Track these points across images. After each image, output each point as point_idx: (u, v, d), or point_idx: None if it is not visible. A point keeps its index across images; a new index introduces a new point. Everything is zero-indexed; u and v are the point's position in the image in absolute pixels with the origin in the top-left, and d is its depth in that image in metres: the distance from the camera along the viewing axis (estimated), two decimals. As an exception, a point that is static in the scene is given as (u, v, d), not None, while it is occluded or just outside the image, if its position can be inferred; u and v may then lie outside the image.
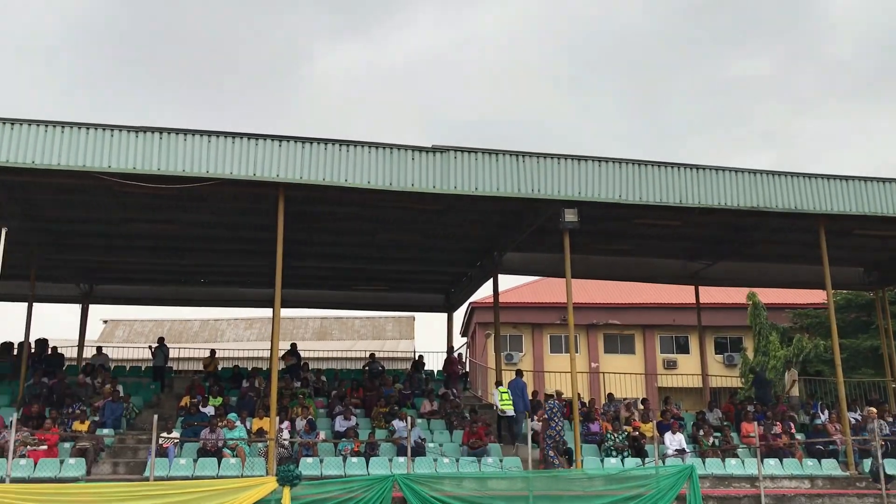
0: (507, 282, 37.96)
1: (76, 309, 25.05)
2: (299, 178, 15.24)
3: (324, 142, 15.44)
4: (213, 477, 14.60)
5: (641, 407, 20.26)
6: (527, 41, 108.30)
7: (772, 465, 16.72)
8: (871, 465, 16.75)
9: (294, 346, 23.41)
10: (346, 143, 15.51)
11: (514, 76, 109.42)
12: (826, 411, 20.27)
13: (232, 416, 16.84)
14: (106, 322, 43.82)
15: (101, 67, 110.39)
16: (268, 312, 25.18)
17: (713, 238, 20.68)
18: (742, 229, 19.73)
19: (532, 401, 19.17)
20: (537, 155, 16.26)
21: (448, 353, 23.76)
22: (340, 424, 17.28)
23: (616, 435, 17.47)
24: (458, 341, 30.21)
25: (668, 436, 17.48)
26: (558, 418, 16.79)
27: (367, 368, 22.73)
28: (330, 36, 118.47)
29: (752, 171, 17.17)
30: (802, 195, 17.22)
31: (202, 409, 17.61)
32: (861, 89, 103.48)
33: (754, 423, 17.91)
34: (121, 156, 14.67)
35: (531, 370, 27.34)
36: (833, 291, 19.25)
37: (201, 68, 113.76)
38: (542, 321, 36.71)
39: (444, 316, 26.88)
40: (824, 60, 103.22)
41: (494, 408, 19.17)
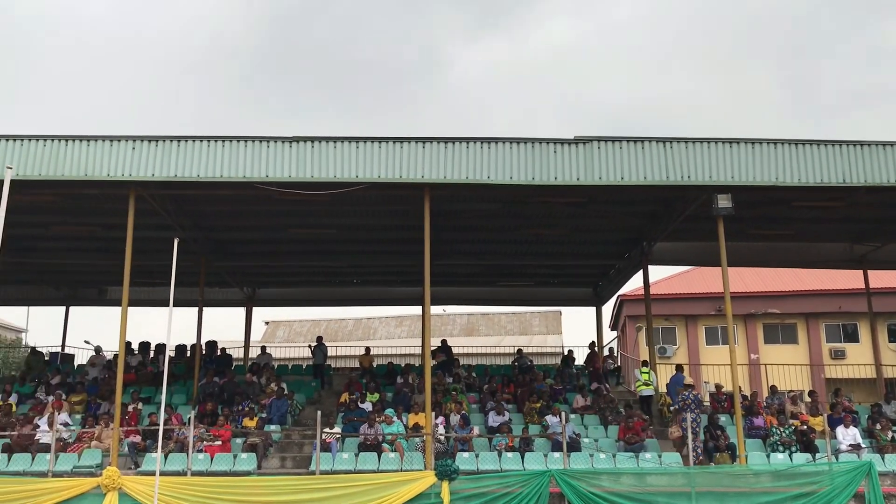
0: (657, 273, 36.98)
1: (240, 312, 26.73)
2: (443, 178, 15.52)
3: (465, 141, 15.63)
4: (374, 471, 15.08)
5: (809, 399, 19.15)
6: (667, 24, 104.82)
7: (960, 462, 15.42)
8: None
9: (444, 342, 23.83)
10: (487, 140, 15.63)
11: (656, 61, 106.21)
12: None
13: (389, 411, 17.37)
14: (268, 323, 46.40)
15: (240, 80, 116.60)
16: (417, 310, 25.82)
17: (881, 218, 19.28)
18: (914, 208, 18.27)
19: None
20: (686, 140, 15.76)
21: (590, 348, 23.40)
22: (493, 419, 17.43)
23: (782, 429, 16.68)
24: (607, 335, 29.77)
25: (840, 430, 16.50)
26: (692, 409, 16.24)
27: (516, 364, 22.77)
28: (464, 36, 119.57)
29: (923, 145, 15.88)
30: (984, 168, 15.73)
31: (360, 405, 18.24)
32: None
33: (939, 416, 16.59)
34: (277, 165, 15.52)
35: (686, 363, 26.46)
36: None
37: (336, 76, 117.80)
38: (696, 312, 35.63)
39: (592, 310, 26.62)
40: None
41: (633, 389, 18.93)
